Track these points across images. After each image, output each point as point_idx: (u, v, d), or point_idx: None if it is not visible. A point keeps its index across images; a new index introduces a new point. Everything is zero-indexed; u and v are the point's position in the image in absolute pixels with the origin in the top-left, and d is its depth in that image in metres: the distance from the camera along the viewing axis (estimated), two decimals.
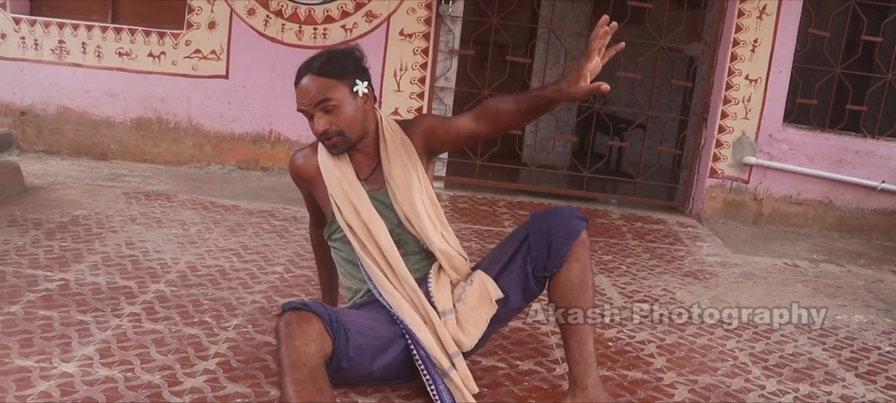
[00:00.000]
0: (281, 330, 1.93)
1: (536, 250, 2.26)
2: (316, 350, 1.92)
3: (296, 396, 1.84)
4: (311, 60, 2.25)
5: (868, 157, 5.72)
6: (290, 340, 1.90)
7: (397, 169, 2.33)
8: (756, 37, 5.47)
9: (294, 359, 1.88)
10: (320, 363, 1.93)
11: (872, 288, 4.42)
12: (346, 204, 2.32)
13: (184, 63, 5.32)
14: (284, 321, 1.94)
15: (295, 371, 1.87)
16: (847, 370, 3.05)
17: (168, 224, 3.99)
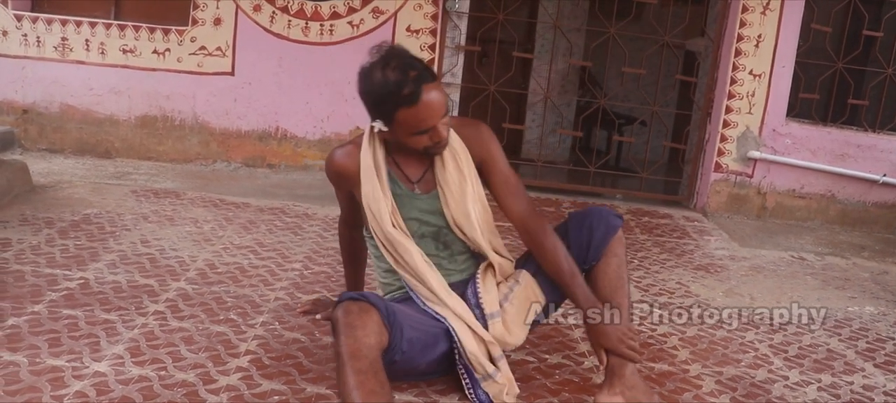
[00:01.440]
0: (340, 320, 1.91)
1: (576, 245, 2.29)
2: (375, 342, 1.91)
3: (358, 387, 1.83)
4: (423, 68, 2.11)
5: (869, 151, 5.76)
6: (351, 330, 1.88)
7: (452, 174, 2.28)
8: (760, 32, 5.50)
9: (354, 350, 1.86)
10: (379, 355, 1.93)
11: (879, 279, 4.46)
12: (369, 200, 2.26)
13: (189, 60, 5.29)
14: (343, 310, 1.93)
15: (355, 362, 1.85)
16: (865, 360, 3.08)
17: (180, 221, 3.97)
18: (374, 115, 2.17)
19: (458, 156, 2.30)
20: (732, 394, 2.60)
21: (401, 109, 2.08)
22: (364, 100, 2.18)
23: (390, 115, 2.11)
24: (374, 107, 2.15)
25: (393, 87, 2.07)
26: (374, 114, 2.17)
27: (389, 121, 2.13)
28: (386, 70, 2.09)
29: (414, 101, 2.07)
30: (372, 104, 2.15)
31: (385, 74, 2.09)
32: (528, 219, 2.34)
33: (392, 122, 2.13)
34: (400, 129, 2.14)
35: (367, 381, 1.85)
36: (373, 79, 2.11)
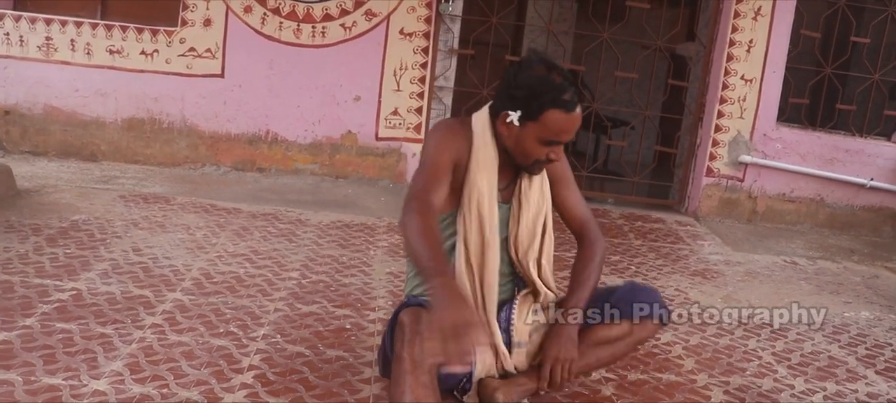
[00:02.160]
0: (409, 326, 1.92)
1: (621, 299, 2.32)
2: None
3: (411, 392, 1.84)
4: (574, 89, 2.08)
5: (857, 156, 5.79)
6: (421, 340, 1.87)
7: (535, 193, 2.30)
8: (751, 37, 5.51)
9: (420, 361, 1.86)
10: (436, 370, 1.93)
11: (871, 284, 4.48)
12: (475, 204, 2.20)
13: (178, 61, 5.20)
14: (413, 317, 1.94)
15: (419, 374, 1.85)
16: (866, 367, 3.10)
17: (172, 228, 3.89)
18: (517, 106, 2.11)
19: (543, 179, 2.32)
20: None
21: (553, 110, 2.06)
22: (513, 89, 2.12)
23: (538, 112, 2.08)
24: (526, 99, 2.09)
25: (557, 86, 2.06)
26: (519, 105, 2.10)
27: (534, 116, 2.08)
28: (552, 70, 2.10)
29: (569, 109, 2.07)
30: (525, 94, 2.09)
31: (550, 72, 2.09)
32: (588, 221, 2.43)
33: (534, 119, 2.09)
34: (535, 130, 2.10)
35: (427, 395, 1.85)
36: (536, 70, 2.10)
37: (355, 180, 5.48)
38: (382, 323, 2.93)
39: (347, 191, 5.21)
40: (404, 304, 2.04)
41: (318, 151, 5.43)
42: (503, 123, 2.15)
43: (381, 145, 5.48)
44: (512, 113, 2.11)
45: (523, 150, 2.15)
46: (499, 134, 2.18)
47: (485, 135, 2.20)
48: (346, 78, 5.35)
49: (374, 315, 3.01)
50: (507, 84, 2.15)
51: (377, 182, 5.50)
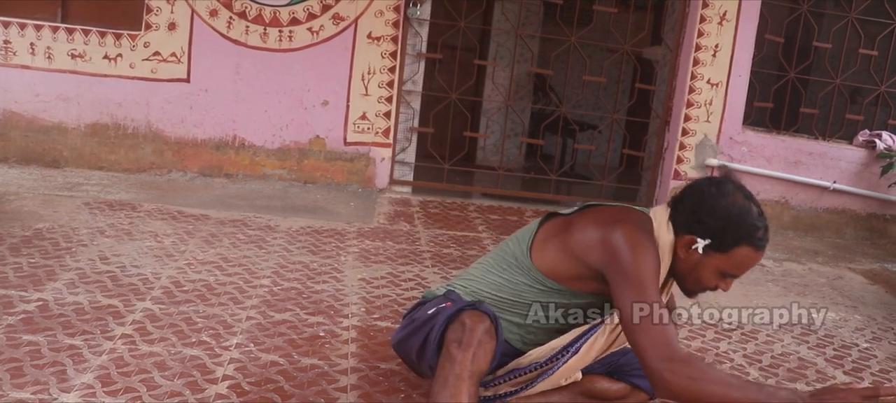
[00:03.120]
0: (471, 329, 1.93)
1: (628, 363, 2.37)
2: (486, 368, 1.97)
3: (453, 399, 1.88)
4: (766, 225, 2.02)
5: (821, 159, 5.89)
6: (481, 348, 1.91)
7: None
8: (717, 42, 5.57)
9: (475, 370, 1.90)
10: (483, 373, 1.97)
11: (835, 285, 4.55)
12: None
13: (142, 66, 5.11)
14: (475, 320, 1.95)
15: (473, 381, 1.89)
16: (835, 368, 3.15)
17: (139, 236, 3.82)
18: (708, 235, 2.00)
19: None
20: None
21: (744, 247, 1.98)
22: (707, 216, 2.00)
23: (731, 245, 1.98)
24: (721, 230, 1.99)
25: (754, 221, 1.98)
26: (710, 234, 2.00)
27: (725, 249, 1.99)
28: (751, 201, 2.01)
29: (760, 247, 1.99)
30: (721, 225, 1.98)
31: (749, 204, 2.00)
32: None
33: (724, 252, 2.00)
34: (720, 261, 2.02)
35: (464, 397, 1.88)
36: (736, 200, 1.99)
37: (324, 185, 5.43)
38: (356, 330, 2.91)
39: (316, 197, 5.17)
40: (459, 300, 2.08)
41: (286, 156, 5.38)
42: (685, 247, 2.05)
43: (349, 150, 5.45)
44: (700, 240, 2.01)
45: (698, 278, 2.07)
46: (674, 253, 2.08)
47: (667, 255, 2.08)
48: (313, 82, 5.30)
49: (347, 322, 2.98)
50: (697, 206, 2.03)
51: (346, 187, 5.46)
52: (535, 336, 2.26)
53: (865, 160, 5.95)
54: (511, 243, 2.30)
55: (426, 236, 4.51)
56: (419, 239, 4.44)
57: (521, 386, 2.24)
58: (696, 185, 2.09)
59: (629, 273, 1.96)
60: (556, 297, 2.19)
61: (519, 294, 2.21)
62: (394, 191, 5.60)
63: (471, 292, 2.25)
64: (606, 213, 2.14)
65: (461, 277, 2.37)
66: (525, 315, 2.21)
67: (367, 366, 2.57)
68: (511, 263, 2.24)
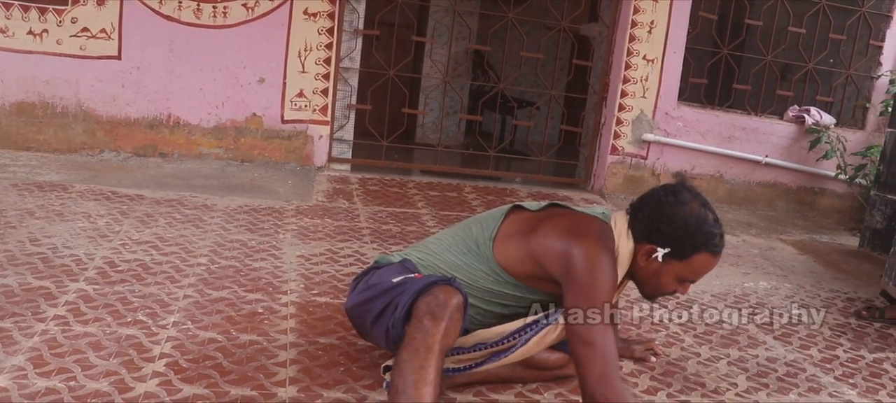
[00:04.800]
0: (445, 303, 1.92)
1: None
2: (452, 344, 1.99)
3: (435, 383, 1.86)
4: (722, 231, 2.09)
5: (753, 134, 6.05)
6: (452, 323, 1.91)
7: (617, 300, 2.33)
8: (653, 18, 5.66)
9: (445, 344, 1.91)
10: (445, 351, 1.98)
11: (768, 255, 4.69)
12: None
13: (70, 42, 4.94)
14: (452, 298, 1.94)
15: (440, 355, 1.90)
16: (765, 333, 3.25)
17: (71, 217, 3.72)
18: (667, 244, 2.06)
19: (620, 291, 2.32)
20: (651, 373, 2.67)
21: (703, 253, 2.05)
22: (665, 225, 2.06)
23: (690, 253, 2.05)
24: (679, 238, 2.05)
25: (711, 229, 2.04)
26: (669, 243, 2.06)
27: (683, 257, 2.05)
28: (706, 208, 2.06)
29: (717, 253, 2.06)
30: (679, 233, 2.04)
31: (705, 212, 2.05)
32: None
33: (682, 259, 2.06)
34: (679, 268, 2.08)
35: (437, 381, 1.88)
36: (693, 209, 2.05)
37: (261, 164, 5.36)
38: (295, 306, 2.88)
39: (254, 175, 5.10)
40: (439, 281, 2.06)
41: (223, 135, 5.28)
42: (644, 255, 2.10)
43: (287, 128, 5.38)
44: (660, 249, 2.07)
45: (656, 284, 2.14)
46: (634, 260, 2.13)
47: (625, 264, 2.14)
48: (249, 59, 5.21)
49: (286, 298, 2.96)
50: (655, 215, 2.08)
51: (284, 165, 5.40)
52: (484, 319, 2.28)
53: (795, 135, 6.13)
54: (474, 227, 2.32)
55: (365, 213, 4.50)
56: (358, 216, 4.42)
57: (465, 365, 2.26)
58: (654, 194, 2.14)
59: (584, 289, 2.01)
60: (512, 290, 2.23)
61: (475, 279, 2.24)
62: (332, 169, 5.56)
63: (426, 265, 2.27)
64: (570, 223, 2.17)
65: (417, 248, 2.38)
66: (476, 298, 2.23)
67: (306, 341, 2.55)
68: (472, 248, 2.26)
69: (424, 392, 1.82)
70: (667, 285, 2.13)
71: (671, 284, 2.13)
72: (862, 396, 2.72)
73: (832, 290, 4.07)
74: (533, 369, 2.41)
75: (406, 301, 1.99)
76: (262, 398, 2.16)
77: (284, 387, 2.23)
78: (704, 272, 2.10)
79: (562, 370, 2.45)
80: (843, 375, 2.88)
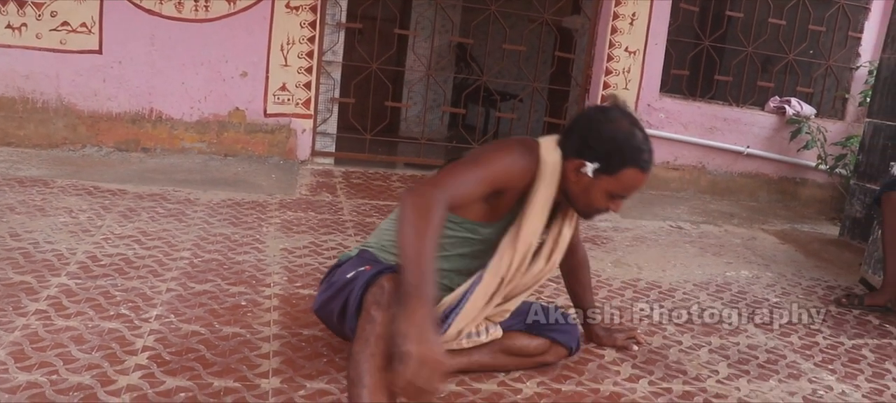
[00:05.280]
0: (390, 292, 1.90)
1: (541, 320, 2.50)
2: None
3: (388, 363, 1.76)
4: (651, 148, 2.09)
5: (735, 124, 6.09)
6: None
7: (566, 233, 2.32)
8: (634, 10, 5.68)
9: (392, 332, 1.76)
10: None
11: (749, 245, 4.73)
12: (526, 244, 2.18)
13: (50, 36, 4.90)
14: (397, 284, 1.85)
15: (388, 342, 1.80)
16: (747, 321, 3.27)
17: (53, 212, 3.70)
18: (595, 159, 2.06)
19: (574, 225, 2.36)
20: (633, 361, 2.69)
21: (631, 169, 2.05)
22: (594, 140, 2.07)
23: (618, 167, 2.05)
24: (607, 153, 2.05)
25: (639, 145, 2.05)
26: (598, 158, 2.06)
27: (611, 171, 2.06)
28: (635, 126, 2.08)
29: (645, 169, 2.07)
30: (607, 148, 2.05)
31: (634, 129, 2.07)
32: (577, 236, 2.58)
33: (611, 174, 2.06)
34: (608, 184, 2.08)
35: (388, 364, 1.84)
36: (620, 125, 2.06)
37: (245, 158, 5.35)
38: (278, 298, 2.89)
39: (237, 169, 5.09)
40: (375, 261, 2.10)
41: (206, 129, 5.27)
42: (574, 170, 2.11)
43: (270, 121, 5.37)
44: (589, 164, 2.07)
45: (588, 200, 2.15)
46: (565, 176, 2.14)
47: (554, 175, 2.14)
48: (231, 53, 5.20)
49: (269, 291, 2.96)
50: (586, 133, 2.10)
51: (267, 159, 5.39)
52: (449, 281, 2.27)
53: (776, 125, 6.18)
54: None
55: (349, 206, 4.50)
56: (342, 209, 4.42)
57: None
58: (584, 113, 2.20)
59: (475, 153, 2.09)
60: (456, 230, 2.21)
61: None
62: (316, 163, 5.55)
63: (381, 246, 2.27)
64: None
65: (375, 232, 2.39)
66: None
67: (289, 333, 2.56)
68: None
69: (379, 378, 1.81)
70: (598, 201, 2.13)
71: (602, 200, 2.13)
72: (841, 381, 2.75)
73: (813, 279, 4.10)
74: (514, 356, 2.44)
75: (356, 296, 2.01)
76: (245, 389, 2.16)
77: (267, 379, 2.24)
78: (634, 188, 2.11)
79: (543, 356, 2.48)
80: (822, 361, 2.92)
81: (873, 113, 4.99)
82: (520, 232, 2.15)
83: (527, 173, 2.11)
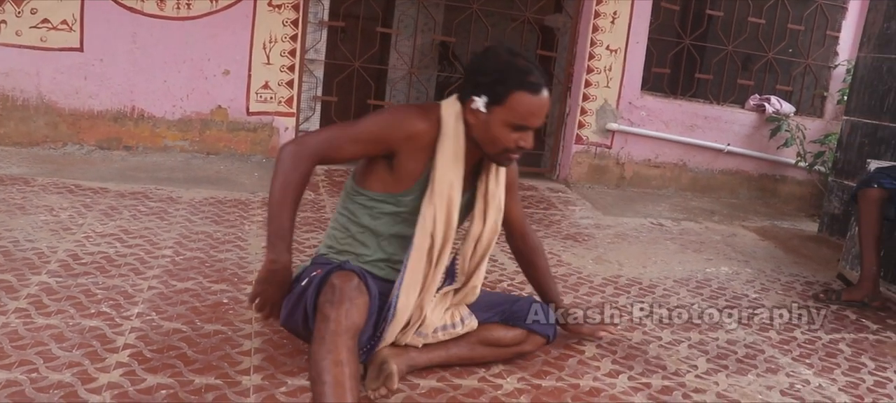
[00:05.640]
0: (340, 289, 1.95)
1: (522, 309, 2.53)
2: (362, 323, 1.98)
3: (349, 363, 1.88)
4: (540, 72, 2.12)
5: (715, 122, 6.14)
6: (353, 304, 1.94)
7: (499, 191, 2.35)
8: (615, 9, 5.71)
9: (349, 325, 1.92)
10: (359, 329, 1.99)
11: (730, 242, 4.77)
12: (445, 196, 2.19)
13: (30, 34, 4.86)
14: (342, 279, 1.98)
15: (350, 336, 1.91)
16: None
17: (33, 210, 3.68)
18: (483, 92, 2.11)
19: (502, 179, 2.37)
20: (613, 356, 2.71)
21: (519, 93, 2.08)
22: (478, 75, 2.13)
23: (504, 95, 2.08)
24: (492, 83, 2.10)
25: (522, 69, 2.09)
26: (485, 90, 2.11)
27: (500, 100, 2.09)
28: (515, 56, 2.13)
29: (535, 91, 2.09)
30: (491, 79, 2.10)
31: (514, 57, 2.12)
32: (525, 222, 2.68)
33: (501, 103, 2.09)
34: (502, 114, 2.10)
35: (353, 359, 1.90)
36: (500, 56, 2.12)
37: (227, 156, 5.34)
38: None
39: (219, 168, 5.08)
40: (327, 264, 2.16)
41: (188, 127, 5.25)
42: (470, 111, 2.14)
43: (252, 120, 5.37)
44: (477, 99, 2.11)
45: (492, 138, 2.15)
46: (467, 123, 2.17)
47: (456, 125, 2.18)
48: (213, 51, 5.19)
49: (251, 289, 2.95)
50: (471, 71, 2.17)
51: (250, 157, 5.38)
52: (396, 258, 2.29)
53: (756, 123, 6.23)
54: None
55: (331, 204, 4.50)
56: (324, 206, 4.43)
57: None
58: (471, 57, 2.26)
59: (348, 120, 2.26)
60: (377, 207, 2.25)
61: (357, 219, 2.29)
62: None
63: (328, 246, 2.35)
64: None
65: (325, 236, 2.44)
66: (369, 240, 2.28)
67: (271, 330, 2.57)
68: (347, 195, 2.34)
69: (338, 372, 1.84)
70: (501, 137, 2.13)
71: (505, 136, 2.13)
72: (818, 375, 2.78)
73: (792, 274, 4.15)
74: (491, 347, 2.47)
75: (311, 300, 2.05)
76: (227, 386, 2.17)
77: (249, 375, 2.25)
78: (530, 114, 2.12)
79: (520, 346, 2.52)
80: (800, 356, 2.95)
81: (851, 111, 5.05)
82: (433, 185, 2.18)
83: (421, 133, 2.16)
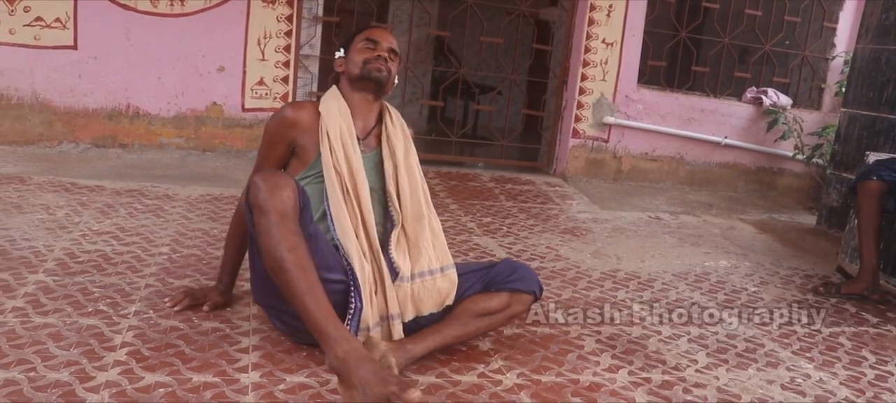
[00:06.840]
0: (261, 183, 2.08)
1: (500, 273, 2.52)
2: (296, 204, 2.09)
3: (299, 244, 2.04)
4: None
5: (712, 115, 6.13)
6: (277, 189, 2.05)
7: (398, 134, 2.55)
8: (611, 2, 5.70)
9: (286, 208, 2.05)
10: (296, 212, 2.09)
11: (728, 235, 4.77)
12: (341, 149, 2.37)
13: (23, 32, 4.84)
14: (263, 176, 2.12)
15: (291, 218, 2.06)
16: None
17: (29, 209, 3.67)
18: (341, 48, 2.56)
19: (402, 123, 2.61)
20: (613, 352, 2.70)
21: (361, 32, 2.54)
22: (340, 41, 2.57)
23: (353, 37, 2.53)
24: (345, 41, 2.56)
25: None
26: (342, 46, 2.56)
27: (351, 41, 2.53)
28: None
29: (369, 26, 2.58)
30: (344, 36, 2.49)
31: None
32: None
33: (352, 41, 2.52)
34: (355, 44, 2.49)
35: (301, 243, 2.05)
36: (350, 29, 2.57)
37: (223, 153, 5.33)
38: None
39: (216, 164, 5.07)
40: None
41: (183, 124, 5.24)
42: (338, 66, 2.55)
43: (248, 116, 5.35)
44: (339, 54, 2.56)
45: (353, 63, 2.48)
46: (341, 80, 2.56)
47: (333, 91, 2.53)
48: (208, 48, 5.17)
49: (248, 286, 2.93)
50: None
51: (245, 154, 5.36)
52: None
53: (753, 116, 6.23)
54: None
55: None
56: None
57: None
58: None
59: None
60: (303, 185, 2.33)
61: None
62: None
63: None
64: None
65: None
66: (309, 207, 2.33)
67: (268, 327, 2.55)
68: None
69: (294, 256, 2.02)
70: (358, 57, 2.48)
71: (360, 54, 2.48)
72: (818, 369, 2.78)
73: (791, 268, 4.15)
74: (482, 317, 2.48)
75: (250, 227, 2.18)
76: (225, 384, 2.15)
77: (247, 373, 2.23)
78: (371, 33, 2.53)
79: (510, 309, 2.53)
80: (800, 349, 2.95)
81: (849, 103, 5.04)
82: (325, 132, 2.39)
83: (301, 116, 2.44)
